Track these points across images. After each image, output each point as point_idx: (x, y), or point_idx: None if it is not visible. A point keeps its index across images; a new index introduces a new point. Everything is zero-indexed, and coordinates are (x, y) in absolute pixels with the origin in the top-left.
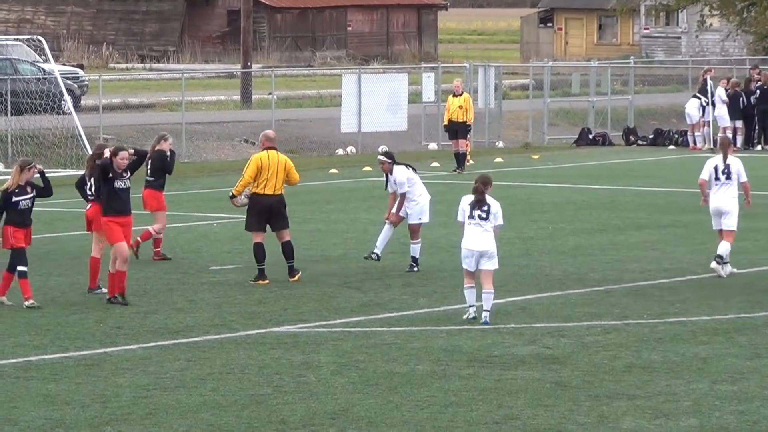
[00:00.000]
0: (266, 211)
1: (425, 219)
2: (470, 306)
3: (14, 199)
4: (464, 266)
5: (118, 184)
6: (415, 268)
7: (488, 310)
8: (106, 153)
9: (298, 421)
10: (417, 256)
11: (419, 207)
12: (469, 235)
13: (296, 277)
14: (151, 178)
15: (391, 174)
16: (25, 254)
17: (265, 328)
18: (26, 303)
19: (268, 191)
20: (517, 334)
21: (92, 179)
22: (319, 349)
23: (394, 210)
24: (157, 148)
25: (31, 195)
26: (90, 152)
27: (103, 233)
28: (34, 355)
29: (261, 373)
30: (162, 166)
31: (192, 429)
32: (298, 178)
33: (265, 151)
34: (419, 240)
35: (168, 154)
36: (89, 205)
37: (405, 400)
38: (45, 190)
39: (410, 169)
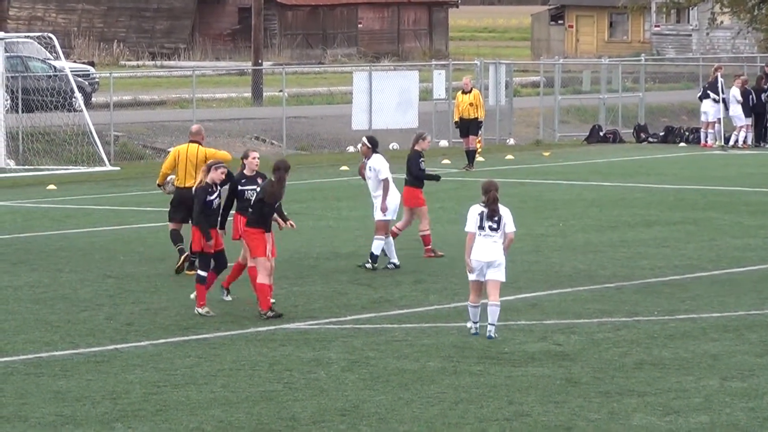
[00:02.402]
0: (182, 204)
1: (394, 217)
2: (474, 322)
3: (208, 198)
4: (472, 278)
5: (249, 194)
6: (368, 265)
7: (494, 324)
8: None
9: (309, 418)
10: (377, 254)
11: (394, 204)
12: (479, 246)
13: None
14: (408, 176)
15: (368, 159)
16: (210, 260)
17: (276, 325)
18: (198, 310)
19: (180, 184)
20: (527, 330)
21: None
22: (329, 346)
23: (382, 203)
24: (416, 147)
25: (218, 194)
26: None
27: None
28: (44, 352)
29: (271, 369)
30: (409, 165)
31: (202, 425)
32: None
33: (184, 145)
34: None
35: (422, 153)
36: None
37: (415, 397)
38: (225, 181)
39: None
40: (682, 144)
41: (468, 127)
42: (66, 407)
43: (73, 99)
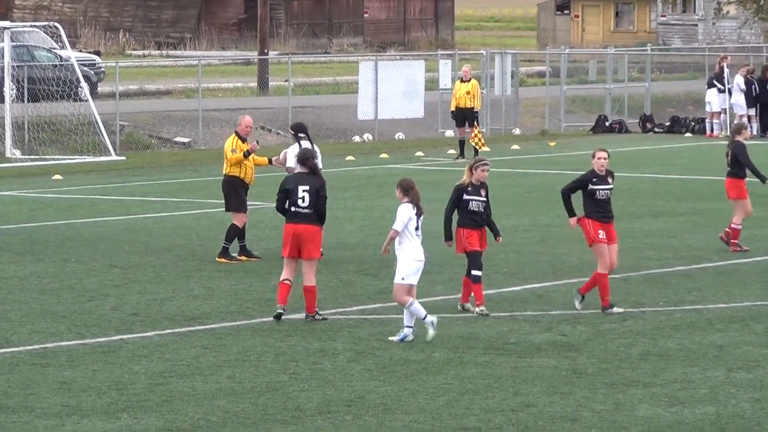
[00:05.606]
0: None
1: None
2: (427, 316)
3: (465, 197)
4: (411, 281)
5: (600, 195)
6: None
7: (412, 326)
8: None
9: (314, 409)
10: None
11: None
12: (417, 247)
13: (220, 259)
14: (730, 168)
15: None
16: (480, 257)
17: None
18: (477, 309)
19: None
20: (533, 321)
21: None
22: (335, 337)
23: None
24: (736, 138)
25: (485, 199)
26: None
27: None
28: (50, 342)
29: (277, 360)
30: (739, 157)
31: (208, 416)
32: (228, 157)
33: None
34: None
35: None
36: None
37: (421, 388)
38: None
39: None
40: (688, 134)
41: (464, 117)
42: (72, 398)
43: (79, 88)
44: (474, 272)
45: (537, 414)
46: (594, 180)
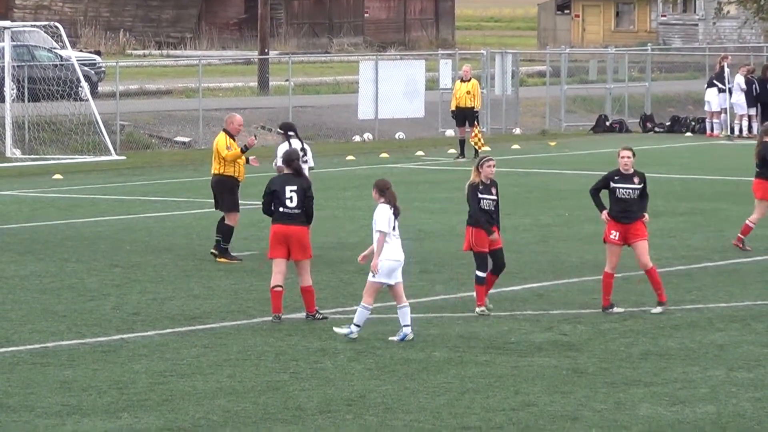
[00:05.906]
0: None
1: None
2: (358, 326)
3: (478, 195)
4: (385, 280)
5: (621, 194)
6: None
7: (409, 325)
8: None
9: (315, 408)
10: None
11: None
12: (395, 247)
13: (220, 259)
14: (758, 169)
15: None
16: (486, 259)
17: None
18: (477, 309)
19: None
20: (533, 320)
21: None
22: (335, 336)
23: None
24: (765, 139)
25: (495, 198)
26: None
27: None
28: (51, 342)
29: (278, 359)
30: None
31: (208, 415)
32: (223, 154)
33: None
34: None
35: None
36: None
37: (422, 387)
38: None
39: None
40: (688, 134)
41: (464, 116)
42: (72, 397)
43: (79, 88)
44: (477, 273)
45: (538, 413)
46: (616, 178)
